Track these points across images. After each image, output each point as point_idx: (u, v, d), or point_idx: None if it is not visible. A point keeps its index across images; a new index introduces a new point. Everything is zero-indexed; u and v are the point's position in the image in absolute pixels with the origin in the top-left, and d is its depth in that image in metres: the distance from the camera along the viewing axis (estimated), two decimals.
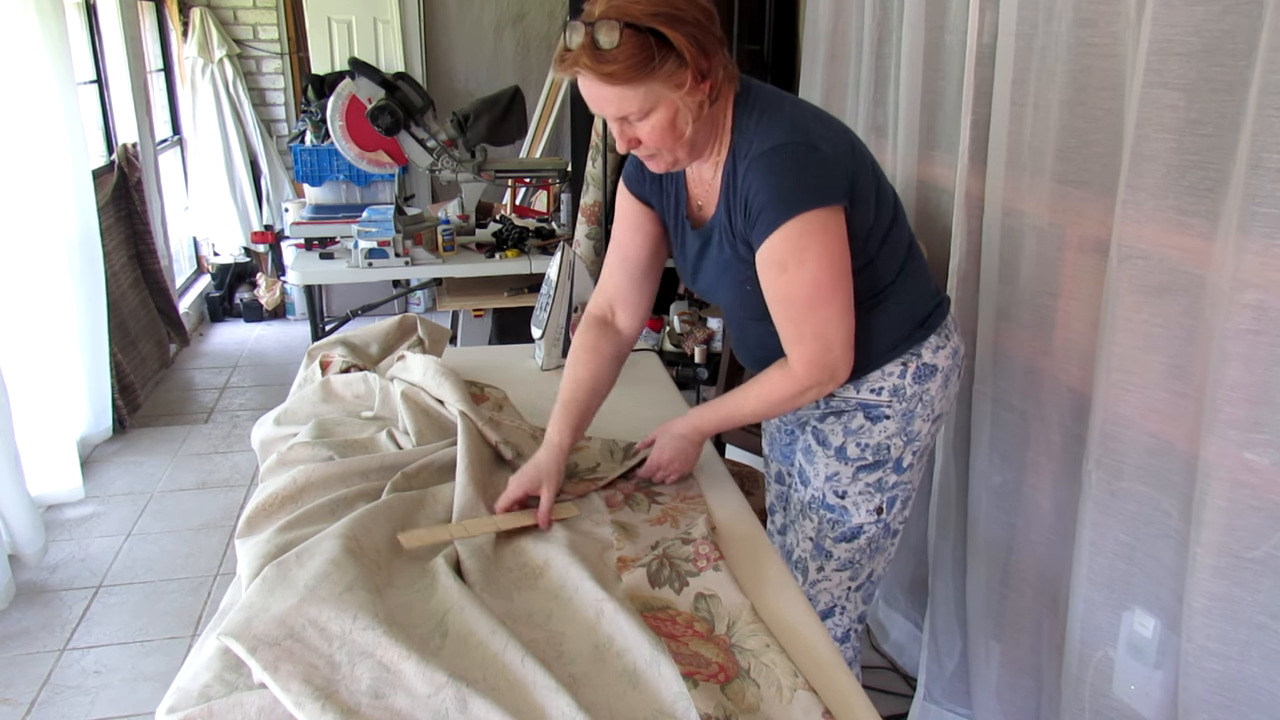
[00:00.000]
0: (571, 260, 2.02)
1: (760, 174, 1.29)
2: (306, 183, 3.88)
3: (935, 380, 1.49)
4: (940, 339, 1.50)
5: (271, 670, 0.96)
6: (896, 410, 1.49)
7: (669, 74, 1.23)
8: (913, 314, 1.47)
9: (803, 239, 1.28)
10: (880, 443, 1.50)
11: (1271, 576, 1.23)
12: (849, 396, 1.50)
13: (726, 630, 1.13)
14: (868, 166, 1.38)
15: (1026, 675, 1.82)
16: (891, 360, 1.47)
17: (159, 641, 2.47)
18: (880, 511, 1.53)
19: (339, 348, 1.79)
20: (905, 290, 1.46)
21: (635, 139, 1.31)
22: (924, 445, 1.53)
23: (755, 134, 1.32)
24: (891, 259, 1.43)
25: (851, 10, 2.50)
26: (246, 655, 0.98)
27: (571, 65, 1.24)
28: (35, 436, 3.03)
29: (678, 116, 1.27)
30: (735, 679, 1.05)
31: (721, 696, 1.01)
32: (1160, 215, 1.34)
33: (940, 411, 1.53)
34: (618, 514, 1.41)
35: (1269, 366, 1.18)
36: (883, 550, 1.58)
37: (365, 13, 4.91)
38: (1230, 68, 1.22)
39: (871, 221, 1.37)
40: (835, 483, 1.52)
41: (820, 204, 1.27)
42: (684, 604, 1.18)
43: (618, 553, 1.29)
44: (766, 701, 1.01)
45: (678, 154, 1.34)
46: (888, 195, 1.43)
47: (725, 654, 1.09)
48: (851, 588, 1.59)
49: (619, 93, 1.24)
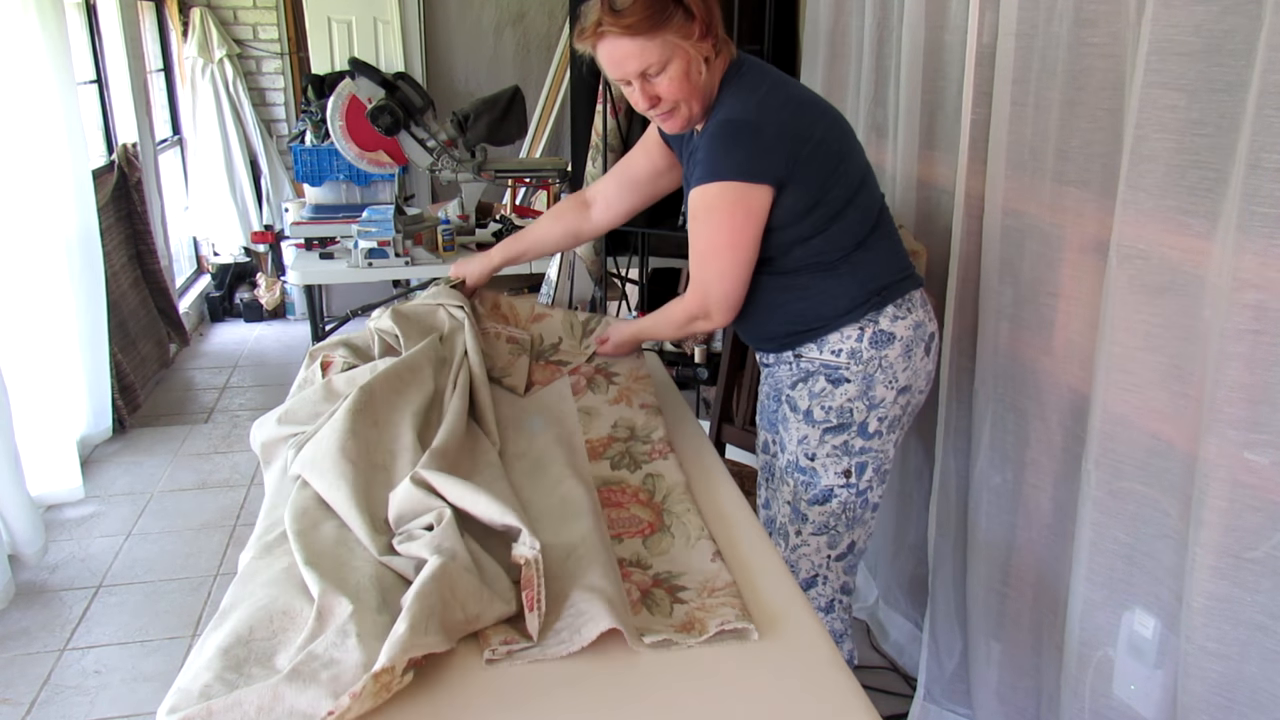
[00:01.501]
0: (571, 260, 2.02)
1: (707, 140, 1.51)
2: (306, 183, 3.88)
3: (894, 348, 1.62)
4: (900, 310, 1.62)
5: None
6: (855, 373, 1.62)
7: (680, 24, 1.43)
8: (868, 283, 1.61)
9: (714, 200, 1.49)
10: (842, 405, 1.63)
11: (1271, 577, 1.23)
12: (813, 357, 1.65)
13: (663, 499, 1.45)
14: (827, 151, 1.53)
15: (1026, 675, 1.82)
16: (849, 324, 1.61)
17: (159, 641, 2.47)
18: (849, 475, 1.66)
19: (340, 349, 1.79)
20: (861, 262, 1.61)
21: (655, 96, 1.50)
22: (891, 415, 1.65)
23: (723, 107, 1.52)
24: (845, 234, 1.59)
25: (851, 10, 2.50)
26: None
27: (592, 31, 1.44)
28: (35, 436, 3.03)
29: (691, 67, 1.47)
30: (658, 532, 1.37)
31: (641, 547, 1.33)
32: (1160, 215, 1.34)
33: (906, 384, 1.65)
34: (581, 399, 1.74)
35: (1269, 366, 1.19)
36: (861, 522, 1.71)
37: (365, 13, 4.91)
38: (1230, 68, 1.22)
39: (814, 202, 1.54)
40: (805, 445, 1.67)
41: (740, 179, 1.47)
42: (635, 480, 1.51)
43: (585, 436, 1.63)
44: (677, 546, 1.31)
45: (693, 107, 1.53)
46: (847, 178, 1.58)
47: (655, 514, 1.41)
48: (831, 556, 1.71)
49: (640, 45, 1.43)
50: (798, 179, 1.51)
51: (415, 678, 1.02)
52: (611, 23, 1.42)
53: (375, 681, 0.96)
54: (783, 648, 1.13)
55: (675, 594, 1.21)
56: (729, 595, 1.20)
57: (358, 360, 1.77)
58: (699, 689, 1.06)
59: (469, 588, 1.11)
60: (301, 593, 1.13)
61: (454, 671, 1.07)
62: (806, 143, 1.51)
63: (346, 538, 1.24)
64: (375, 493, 1.31)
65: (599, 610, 1.10)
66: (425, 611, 1.03)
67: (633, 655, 1.09)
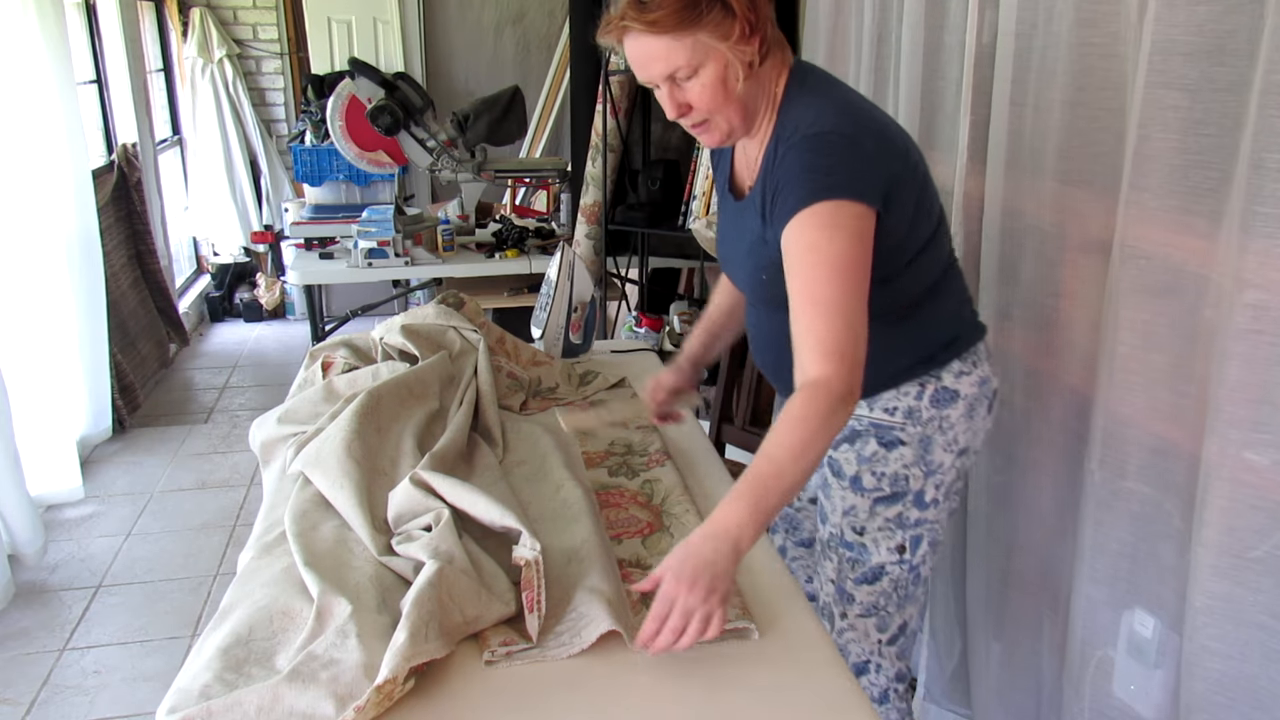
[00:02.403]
0: (571, 260, 2.02)
1: (798, 157, 1.22)
2: (306, 183, 3.88)
3: (956, 407, 1.40)
4: (965, 365, 1.41)
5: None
6: (912, 435, 1.40)
7: (715, 23, 1.19)
8: (935, 337, 1.40)
9: (835, 219, 1.19)
10: (897, 472, 1.41)
11: (1272, 576, 1.23)
12: (861, 415, 1.43)
13: (661, 501, 1.44)
14: (916, 177, 1.30)
15: (1026, 675, 1.82)
16: (908, 380, 1.40)
17: (159, 641, 2.47)
18: (903, 550, 1.44)
19: (341, 349, 1.79)
20: (930, 312, 1.39)
21: (685, 104, 1.25)
22: (948, 481, 1.44)
23: (801, 117, 1.25)
24: (918, 279, 1.36)
25: (851, 10, 2.50)
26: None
27: (616, 24, 1.22)
28: (35, 436, 3.03)
29: (728, 72, 1.22)
30: (657, 532, 1.36)
31: (640, 548, 1.31)
32: (1163, 215, 1.34)
33: (966, 445, 1.43)
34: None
35: (1271, 366, 1.18)
36: (912, 599, 1.49)
37: (365, 13, 4.91)
38: (1233, 68, 1.22)
39: (903, 236, 1.29)
40: (853, 517, 1.44)
41: (852, 197, 1.19)
42: (633, 485, 1.50)
43: (583, 449, 1.62)
44: (676, 546, 1.16)
45: (731, 119, 1.27)
46: (930, 213, 1.34)
47: (654, 515, 1.41)
48: (882, 641, 1.50)
49: (666, 44, 1.20)
50: (893, 205, 1.25)
51: (415, 679, 1.02)
52: (635, 17, 1.19)
53: (378, 693, 0.96)
54: (783, 648, 1.13)
55: None
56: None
57: (359, 361, 1.77)
58: (699, 689, 1.06)
59: (467, 590, 1.11)
60: (301, 593, 1.13)
61: (454, 673, 1.06)
62: (902, 162, 1.27)
63: (346, 538, 1.24)
64: (376, 494, 1.31)
65: (599, 612, 1.10)
66: (424, 618, 1.03)
67: (633, 656, 1.09)
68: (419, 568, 1.14)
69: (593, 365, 2.00)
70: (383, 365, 1.68)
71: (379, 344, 1.78)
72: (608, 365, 2.02)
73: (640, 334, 3.34)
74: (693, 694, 1.05)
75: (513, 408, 1.76)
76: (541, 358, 1.93)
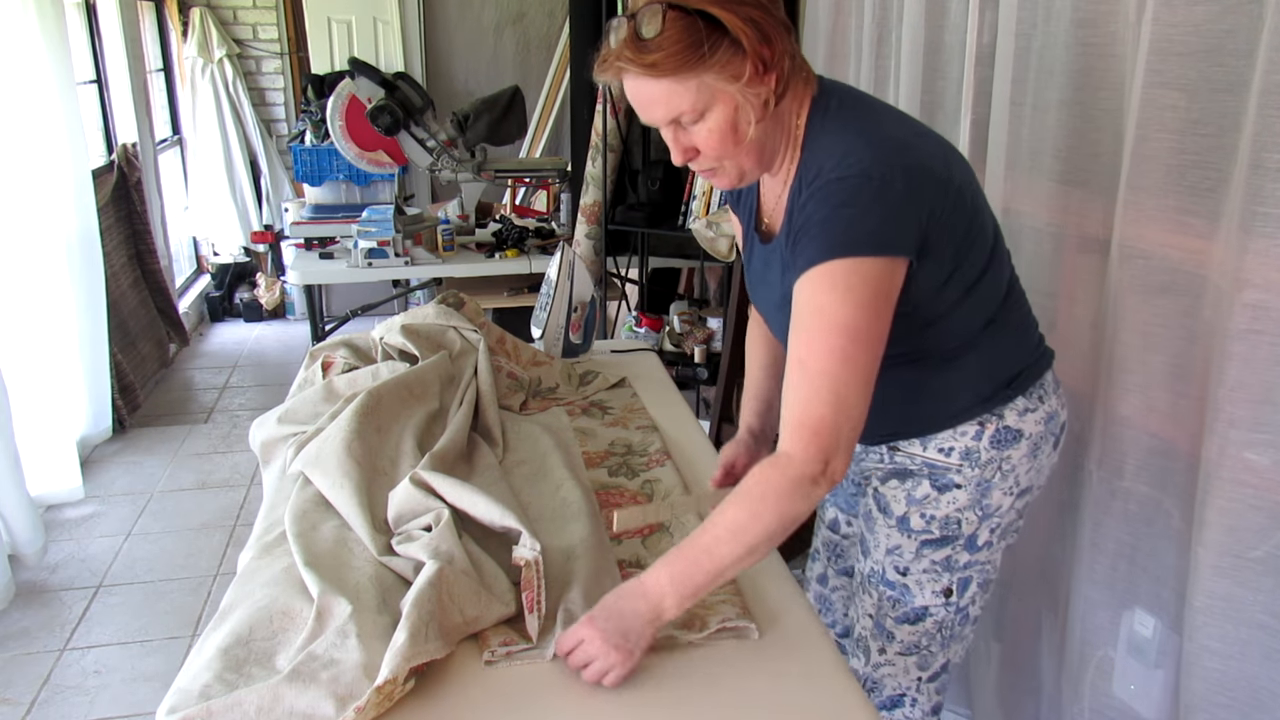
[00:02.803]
0: (571, 260, 2.02)
1: (819, 205, 1.09)
2: (306, 183, 3.88)
3: (1019, 448, 1.27)
4: (1030, 401, 1.28)
5: None
6: (969, 478, 1.27)
7: (723, 63, 1.05)
8: (995, 374, 1.26)
9: (849, 281, 1.06)
10: (949, 515, 1.29)
11: (1272, 576, 1.23)
12: (914, 453, 1.30)
13: (662, 499, 1.43)
14: (963, 204, 1.16)
15: (1026, 675, 1.82)
16: (966, 420, 1.27)
17: (159, 641, 2.47)
18: (949, 594, 1.33)
19: (341, 349, 1.79)
20: (991, 346, 1.25)
21: (692, 148, 1.12)
22: (1005, 523, 1.32)
23: (826, 154, 1.11)
24: (977, 312, 1.22)
25: (851, 10, 2.50)
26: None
27: (613, 63, 1.08)
28: (35, 436, 3.03)
29: (738, 115, 1.09)
30: (657, 532, 1.35)
31: (640, 547, 1.31)
32: (1161, 215, 1.34)
33: (1028, 485, 1.31)
34: (577, 420, 1.74)
35: (1270, 366, 1.19)
36: (959, 639, 1.38)
37: (365, 13, 4.91)
38: (1231, 68, 1.22)
39: (949, 274, 1.16)
40: (896, 557, 1.33)
41: (879, 252, 1.07)
42: (633, 486, 1.50)
43: (583, 449, 1.62)
44: (676, 546, 1.17)
45: (743, 163, 1.15)
46: (983, 237, 1.20)
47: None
48: (922, 678, 1.39)
49: (666, 88, 1.06)
50: (935, 243, 1.12)
51: (415, 679, 1.02)
52: (632, 58, 1.05)
53: (378, 694, 0.96)
54: (783, 648, 1.13)
55: None
56: (729, 593, 1.20)
57: (359, 361, 1.77)
58: (699, 688, 1.06)
59: (467, 590, 1.11)
60: (301, 593, 1.13)
61: (453, 673, 1.06)
62: (943, 194, 1.12)
63: (346, 538, 1.24)
64: (376, 494, 1.31)
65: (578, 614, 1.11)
66: (424, 619, 1.03)
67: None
68: (419, 568, 1.14)
69: (593, 365, 2.00)
70: (383, 365, 1.68)
71: (379, 344, 1.78)
72: (608, 365, 2.03)
73: (640, 334, 3.34)
74: (693, 694, 1.05)
75: (513, 408, 1.77)
76: (541, 358, 1.93)
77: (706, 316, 3.26)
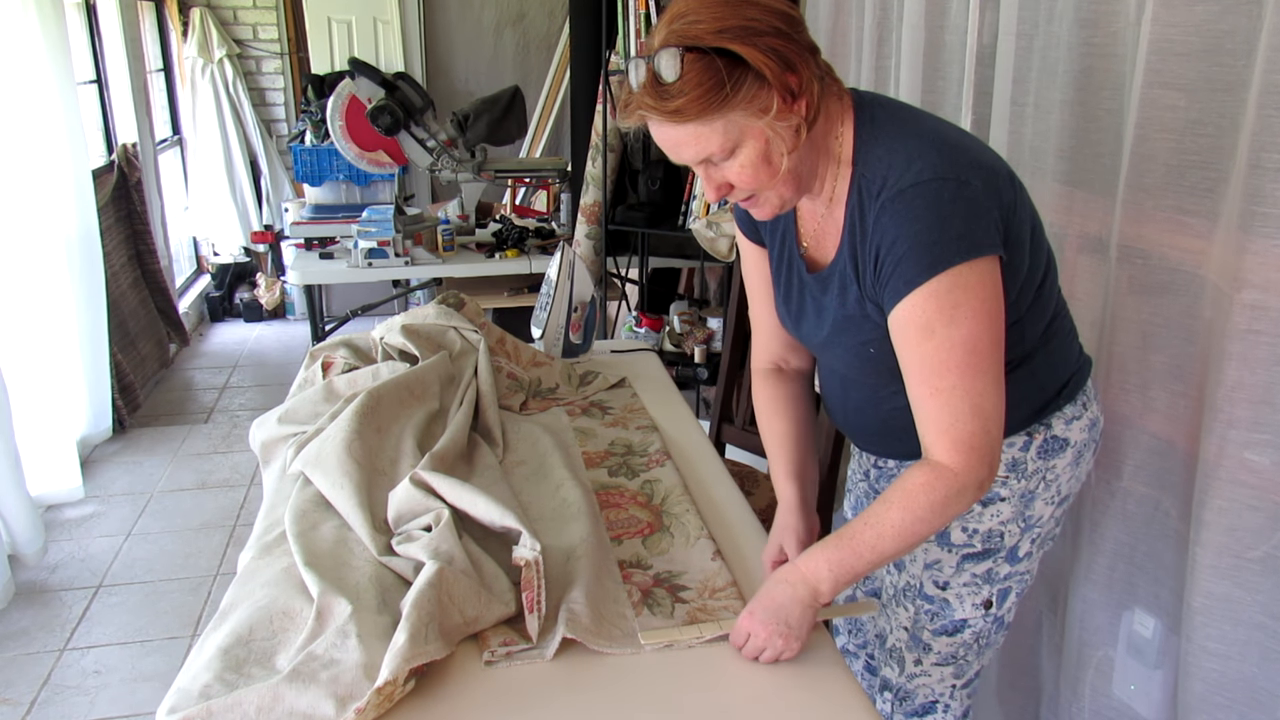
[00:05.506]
0: (571, 260, 2.02)
1: (898, 218, 1.05)
2: (306, 183, 3.88)
3: (1064, 456, 1.26)
4: (1076, 408, 1.27)
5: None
6: (1014, 490, 1.26)
7: (749, 99, 1.02)
8: (1050, 384, 1.25)
9: (954, 295, 1.03)
10: (992, 529, 1.27)
11: (1271, 576, 1.23)
12: None
13: (661, 501, 1.44)
14: (1026, 197, 1.15)
15: (1026, 675, 1.82)
16: (1016, 432, 1.25)
17: (159, 641, 2.47)
18: (989, 605, 1.32)
19: (342, 349, 1.79)
20: (1045, 358, 1.23)
21: (725, 184, 1.10)
22: (1045, 532, 1.31)
23: (888, 164, 1.08)
24: (1039, 318, 1.20)
25: (851, 10, 2.50)
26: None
27: (635, 109, 1.05)
28: (35, 436, 3.03)
29: (770, 148, 1.05)
30: (657, 532, 1.36)
31: (640, 548, 1.32)
32: (1160, 215, 1.34)
33: (1068, 493, 1.30)
34: (577, 420, 1.74)
35: (1269, 366, 1.19)
36: (993, 645, 1.38)
37: (365, 13, 4.91)
38: (1230, 68, 1.22)
39: (1025, 270, 1.14)
40: (936, 571, 1.32)
41: (974, 255, 1.03)
42: (633, 486, 1.50)
43: (582, 449, 1.62)
44: (677, 546, 1.32)
45: (782, 193, 1.11)
46: (1043, 239, 1.19)
47: (654, 515, 1.41)
48: (956, 685, 1.40)
49: (693, 131, 1.04)
50: (1013, 237, 1.10)
51: (415, 679, 1.02)
52: (654, 105, 1.02)
53: (378, 695, 0.97)
54: None
55: (676, 593, 1.21)
56: (730, 595, 1.20)
57: (359, 361, 1.77)
58: (699, 689, 1.06)
59: (467, 591, 1.11)
60: (301, 593, 1.13)
61: (454, 673, 1.07)
62: (1011, 185, 1.11)
63: (346, 538, 1.24)
64: (376, 494, 1.31)
65: (576, 616, 1.11)
66: (424, 619, 1.03)
67: (633, 655, 1.09)
68: (419, 568, 1.14)
69: (593, 365, 2.00)
70: (383, 365, 1.68)
71: (379, 344, 1.78)
72: (608, 365, 2.03)
73: (640, 334, 3.34)
74: (693, 694, 1.05)
75: (513, 408, 1.77)
76: (541, 358, 1.93)
77: (706, 316, 3.26)
